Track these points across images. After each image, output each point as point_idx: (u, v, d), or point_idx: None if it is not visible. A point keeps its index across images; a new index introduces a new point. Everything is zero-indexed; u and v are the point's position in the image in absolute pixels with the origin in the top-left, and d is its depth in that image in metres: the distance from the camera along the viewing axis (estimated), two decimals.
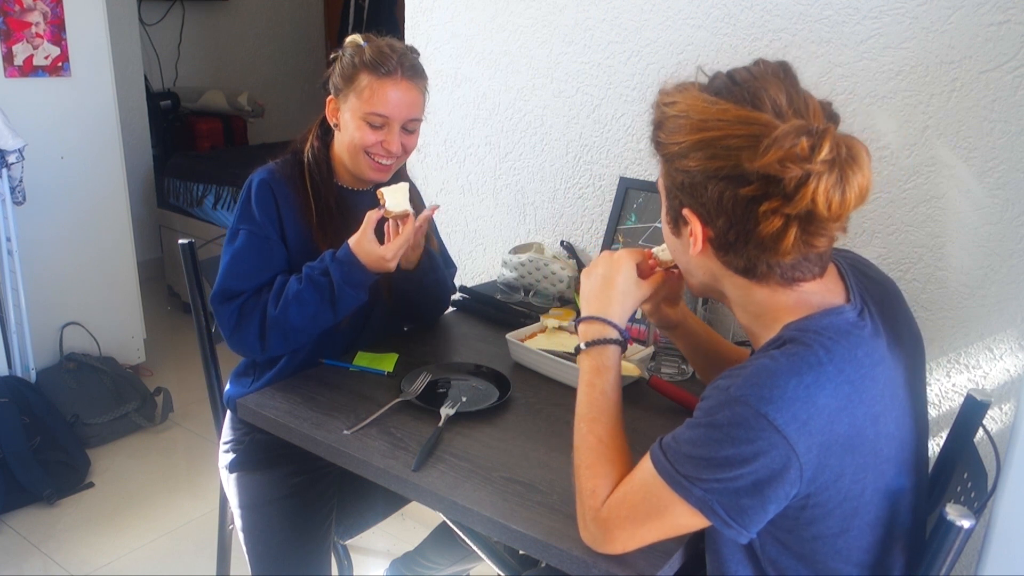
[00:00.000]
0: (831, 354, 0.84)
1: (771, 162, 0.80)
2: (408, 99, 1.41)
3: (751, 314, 0.95)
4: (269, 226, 1.42)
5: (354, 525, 1.59)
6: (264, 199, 1.42)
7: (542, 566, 1.26)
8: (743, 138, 0.83)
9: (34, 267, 2.71)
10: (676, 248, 1.00)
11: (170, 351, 3.41)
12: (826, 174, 0.80)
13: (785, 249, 0.85)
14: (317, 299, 1.36)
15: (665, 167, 0.93)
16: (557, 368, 1.44)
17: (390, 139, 1.41)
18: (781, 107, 0.85)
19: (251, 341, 1.38)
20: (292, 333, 1.38)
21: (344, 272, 1.36)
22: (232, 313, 1.38)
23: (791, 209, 0.82)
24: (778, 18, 1.54)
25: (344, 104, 1.42)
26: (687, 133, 0.87)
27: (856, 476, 0.85)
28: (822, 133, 0.81)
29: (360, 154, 1.43)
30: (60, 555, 2.17)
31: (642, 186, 1.77)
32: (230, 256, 1.41)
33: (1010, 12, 1.31)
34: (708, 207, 0.88)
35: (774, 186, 0.82)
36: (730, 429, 0.82)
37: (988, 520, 1.04)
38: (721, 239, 0.90)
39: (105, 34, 2.84)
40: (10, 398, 2.42)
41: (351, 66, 1.40)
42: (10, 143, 2.43)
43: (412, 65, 1.42)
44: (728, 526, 0.84)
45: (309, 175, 1.46)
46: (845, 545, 0.88)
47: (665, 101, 0.91)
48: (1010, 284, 1.37)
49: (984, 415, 1.14)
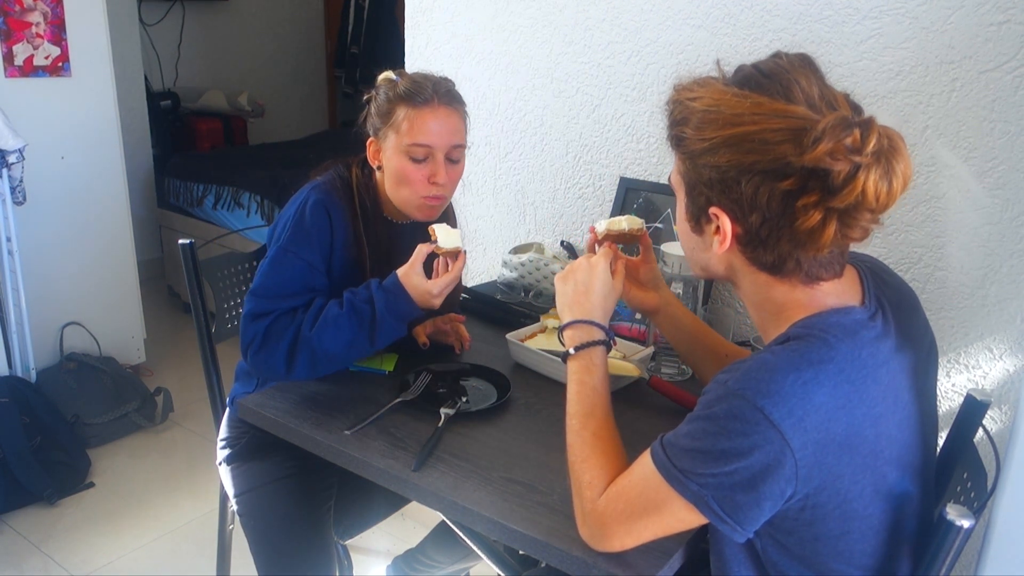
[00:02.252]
0: (833, 352, 0.84)
1: (821, 155, 0.79)
2: (449, 126, 1.37)
3: (765, 311, 0.95)
4: (319, 252, 1.36)
5: (354, 525, 1.59)
6: (320, 224, 1.36)
7: (542, 566, 1.26)
8: (781, 132, 0.81)
9: (34, 267, 2.71)
10: (694, 245, 0.98)
11: (170, 351, 3.41)
12: (875, 165, 0.79)
13: (824, 243, 0.84)
14: (356, 326, 1.30)
15: (688, 163, 0.91)
16: (557, 368, 1.44)
17: (436, 170, 1.36)
18: (814, 99, 0.84)
19: (277, 361, 1.31)
20: (322, 358, 1.31)
21: (390, 302, 1.31)
22: (260, 331, 1.32)
23: (838, 202, 0.81)
24: (778, 18, 1.54)
25: (384, 143, 1.38)
26: (718, 128, 0.85)
27: (855, 477, 0.85)
28: (868, 124, 0.79)
29: (408, 193, 1.38)
30: (60, 555, 2.17)
31: (642, 186, 1.77)
32: (273, 275, 1.35)
33: (1010, 12, 1.31)
34: (741, 203, 0.86)
35: (815, 180, 0.81)
36: (726, 422, 0.82)
37: (988, 520, 1.04)
38: (752, 235, 0.88)
39: (105, 34, 2.85)
40: (10, 398, 2.41)
41: (386, 101, 1.37)
42: (10, 143, 2.43)
43: (448, 91, 1.39)
44: (723, 522, 0.84)
45: (361, 208, 1.41)
46: (847, 547, 0.88)
47: (687, 96, 0.89)
48: (1010, 284, 1.37)
49: (984, 415, 1.14)
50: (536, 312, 1.69)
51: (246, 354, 1.34)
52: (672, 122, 0.92)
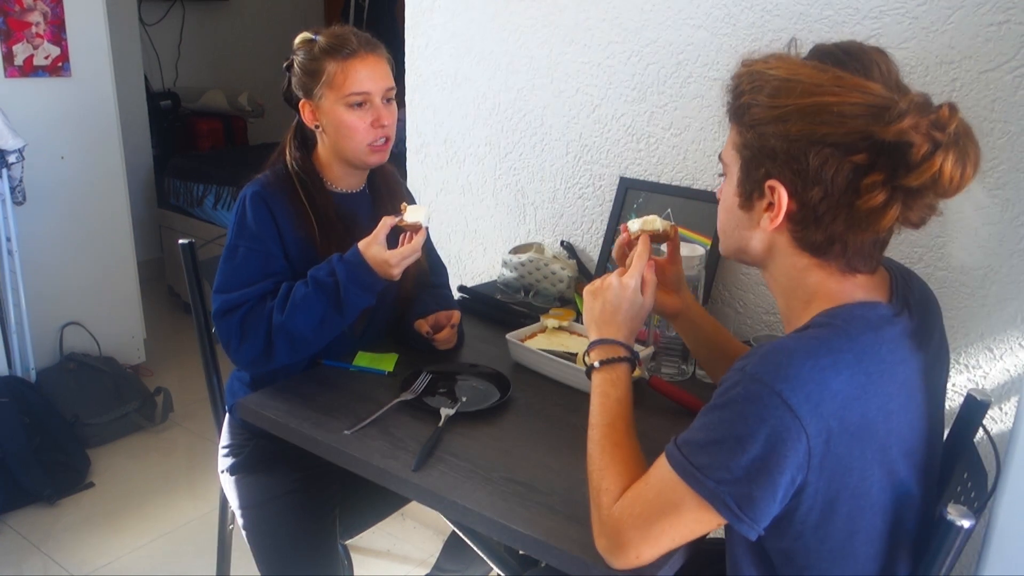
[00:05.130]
0: (853, 342, 0.84)
1: (906, 128, 0.79)
2: (379, 70, 1.41)
3: (794, 297, 0.94)
4: (269, 240, 1.39)
5: (354, 525, 1.59)
6: (260, 212, 1.39)
7: (542, 566, 1.26)
8: (860, 106, 0.82)
9: (34, 267, 2.71)
10: (738, 223, 0.97)
11: (170, 351, 3.41)
12: (953, 147, 0.80)
13: (883, 225, 0.85)
14: (324, 302, 1.33)
15: (750, 134, 0.90)
16: (557, 368, 1.44)
17: (379, 114, 1.40)
18: (891, 83, 0.85)
19: (256, 351, 1.35)
20: (299, 341, 1.35)
21: (350, 272, 1.34)
22: (235, 325, 1.34)
23: (912, 180, 0.81)
24: (778, 18, 1.54)
25: (320, 101, 1.41)
26: (796, 97, 0.85)
27: (864, 472, 0.85)
28: (952, 106, 0.80)
29: (355, 143, 1.41)
30: (60, 555, 2.17)
31: (642, 186, 1.77)
32: (230, 270, 1.38)
33: (1010, 12, 1.31)
34: (804, 176, 0.86)
35: (886, 158, 0.82)
36: (744, 406, 0.82)
37: (988, 520, 1.04)
38: (807, 212, 0.88)
39: (105, 34, 2.85)
40: (10, 398, 2.41)
41: (311, 60, 1.40)
42: (10, 143, 2.43)
43: (368, 39, 1.42)
44: (739, 519, 0.83)
45: (301, 186, 1.44)
46: (852, 550, 0.88)
47: (763, 66, 0.89)
48: (1010, 284, 1.37)
49: (984, 415, 1.14)
50: (536, 312, 1.69)
51: (228, 352, 1.38)
52: (739, 92, 0.91)
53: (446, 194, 2.17)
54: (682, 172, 1.73)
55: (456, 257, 2.17)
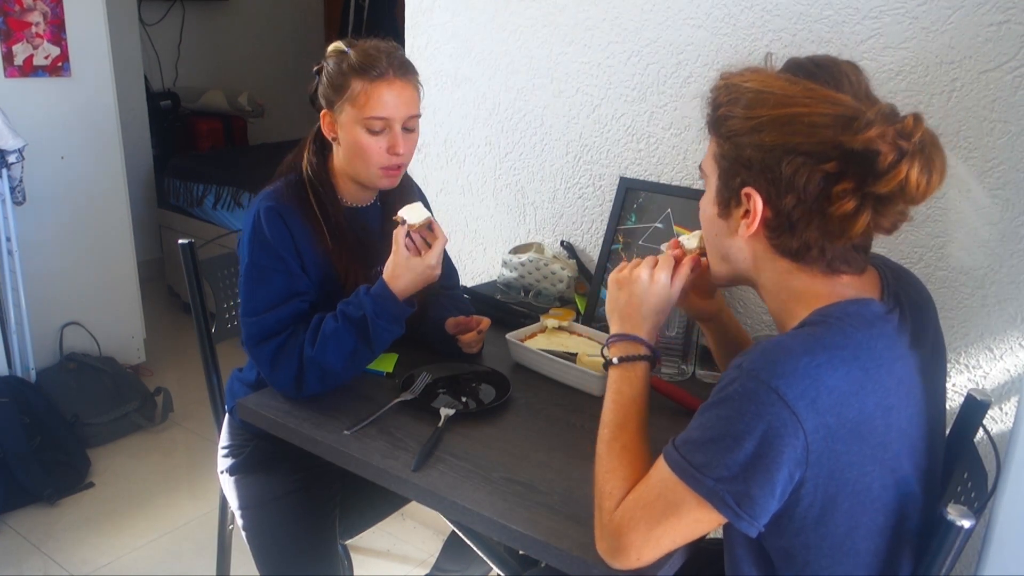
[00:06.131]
0: (848, 339, 0.85)
1: (872, 137, 0.82)
2: (405, 97, 1.37)
3: (783, 301, 0.95)
4: (290, 258, 1.36)
5: (354, 525, 1.59)
6: (277, 228, 1.35)
7: (542, 566, 1.26)
8: (829, 116, 0.85)
9: (34, 267, 2.71)
10: (718, 231, 0.99)
11: (170, 351, 3.41)
12: (919, 155, 0.83)
13: (855, 232, 0.87)
14: (354, 335, 1.30)
15: (728, 144, 0.93)
16: (557, 368, 1.44)
17: (395, 142, 1.37)
18: (860, 94, 0.88)
19: (287, 382, 1.31)
20: (330, 374, 1.31)
21: (378, 306, 1.31)
22: (269, 354, 1.32)
23: (880, 187, 0.83)
24: (778, 18, 1.54)
25: (340, 116, 1.37)
26: (769, 108, 0.88)
27: (864, 468, 0.85)
28: (916, 116, 0.83)
29: (366, 164, 1.38)
30: (60, 555, 2.17)
31: (642, 186, 1.77)
32: (256, 291, 1.35)
33: (1010, 12, 1.31)
34: (778, 184, 0.88)
35: (856, 166, 0.84)
36: (741, 402, 0.82)
37: (988, 520, 1.04)
38: (782, 219, 0.90)
39: (105, 34, 2.84)
40: (10, 398, 2.41)
41: (339, 74, 1.36)
42: (10, 143, 2.43)
43: (402, 63, 1.38)
44: (739, 517, 0.83)
45: (315, 197, 1.41)
46: (852, 547, 0.88)
47: (738, 79, 0.92)
48: (1010, 284, 1.37)
49: (984, 415, 1.14)
50: (536, 312, 1.68)
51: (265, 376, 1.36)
52: (717, 104, 0.94)
53: (446, 194, 2.17)
54: (682, 172, 1.73)
55: (456, 257, 2.17)
